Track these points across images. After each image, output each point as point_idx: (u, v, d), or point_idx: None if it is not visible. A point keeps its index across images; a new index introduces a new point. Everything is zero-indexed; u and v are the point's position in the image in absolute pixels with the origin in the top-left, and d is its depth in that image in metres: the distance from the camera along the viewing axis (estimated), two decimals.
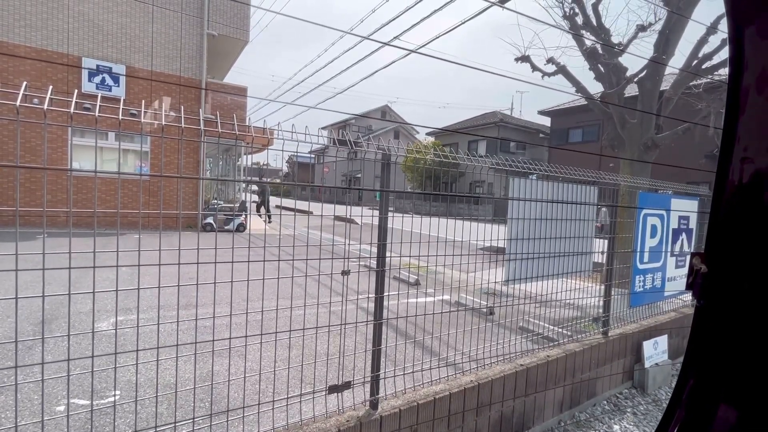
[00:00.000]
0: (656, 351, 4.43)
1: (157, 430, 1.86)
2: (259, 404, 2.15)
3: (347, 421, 2.25)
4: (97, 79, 11.09)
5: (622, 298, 4.21)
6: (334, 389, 2.28)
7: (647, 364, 4.29)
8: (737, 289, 0.64)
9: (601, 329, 3.98)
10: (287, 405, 2.22)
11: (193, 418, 1.94)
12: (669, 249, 4.54)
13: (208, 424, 2.05)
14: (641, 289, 4.29)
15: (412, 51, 6.25)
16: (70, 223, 1.61)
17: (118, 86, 11.41)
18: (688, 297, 5.35)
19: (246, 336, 2.08)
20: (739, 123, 0.63)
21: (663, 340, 4.57)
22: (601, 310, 4.02)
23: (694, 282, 0.69)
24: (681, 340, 5.00)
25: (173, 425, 1.90)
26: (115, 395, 2.57)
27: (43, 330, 1.70)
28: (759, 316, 0.61)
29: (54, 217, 9.71)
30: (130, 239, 7.93)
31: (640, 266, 4.23)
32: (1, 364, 3.09)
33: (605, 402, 3.99)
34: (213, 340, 1.93)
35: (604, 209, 3.84)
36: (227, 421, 2.05)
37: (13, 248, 1.45)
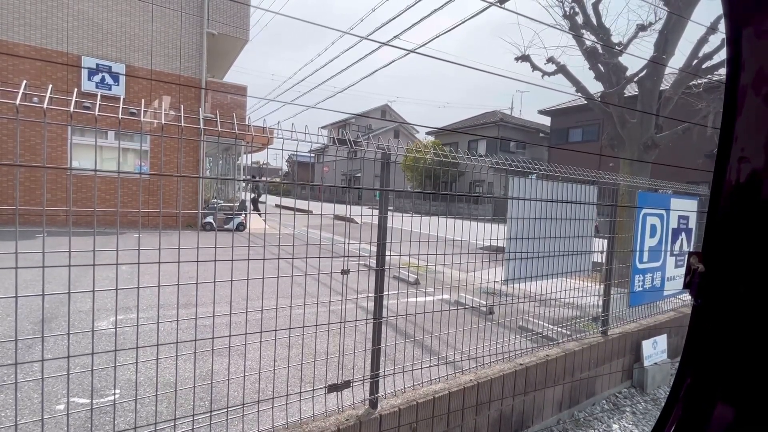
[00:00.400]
0: (655, 350, 4.44)
1: (157, 428, 1.86)
2: (258, 403, 2.16)
3: (347, 419, 2.26)
4: (97, 78, 11.08)
5: (621, 298, 4.22)
6: (333, 388, 2.28)
7: (646, 364, 4.29)
8: (734, 289, 0.65)
9: (601, 329, 3.98)
10: (287, 404, 2.23)
11: (193, 417, 1.94)
12: (668, 248, 4.55)
13: (207, 422, 2.05)
14: (641, 288, 4.30)
15: (411, 51, 6.25)
16: (70, 221, 1.61)
17: (118, 85, 11.41)
18: (688, 296, 5.34)
19: (246, 334, 2.08)
20: (736, 123, 0.63)
21: (662, 340, 4.57)
22: (600, 310, 4.03)
23: (691, 281, 0.69)
24: (680, 340, 5.00)
25: (173, 423, 1.90)
26: (114, 394, 2.57)
27: (43, 328, 1.70)
28: (756, 315, 0.61)
29: (54, 216, 9.71)
30: (129, 238, 7.93)
31: (640, 266, 4.24)
32: (1, 362, 3.09)
33: (604, 401, 3.99)
34: (212, 338, 1.93)
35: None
36: (227, 419, 2.05)
37: (13, 247, 1.46)
